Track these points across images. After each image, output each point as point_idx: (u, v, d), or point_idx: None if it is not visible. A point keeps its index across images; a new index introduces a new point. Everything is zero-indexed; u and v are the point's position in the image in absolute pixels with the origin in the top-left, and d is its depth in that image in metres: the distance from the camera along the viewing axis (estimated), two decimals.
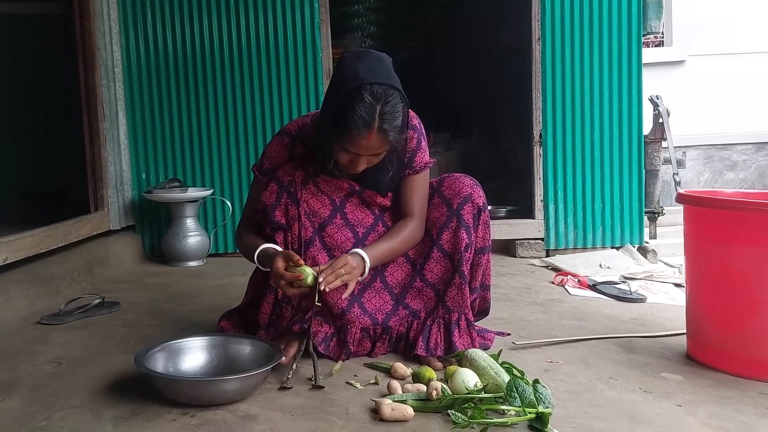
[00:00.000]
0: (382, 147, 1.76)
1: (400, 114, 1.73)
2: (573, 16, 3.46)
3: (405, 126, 1.79)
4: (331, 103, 1.77)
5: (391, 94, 1.71)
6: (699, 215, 1.91)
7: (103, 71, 3.47)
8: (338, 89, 1.75)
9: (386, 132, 1.72)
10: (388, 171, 1.91)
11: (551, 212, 3.53)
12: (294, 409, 1.61)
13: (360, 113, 1.69)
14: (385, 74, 1.75)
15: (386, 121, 1.71)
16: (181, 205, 3.50)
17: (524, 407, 1.48)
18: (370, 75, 1.71)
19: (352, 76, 1.72)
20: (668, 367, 1.87)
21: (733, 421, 1.52)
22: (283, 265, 1.74)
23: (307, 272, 1.73)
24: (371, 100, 1.69)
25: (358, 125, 1.69)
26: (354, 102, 1.69)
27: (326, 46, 3.60)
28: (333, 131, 1.75)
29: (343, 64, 1.79)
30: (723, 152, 5.60)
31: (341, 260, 1.78)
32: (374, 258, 1.87)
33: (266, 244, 1.87)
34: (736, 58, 5.50)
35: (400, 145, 1.82)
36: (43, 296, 2.68)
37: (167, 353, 1.80)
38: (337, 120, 1.72)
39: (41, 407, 1.67)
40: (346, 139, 1.73)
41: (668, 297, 2.68)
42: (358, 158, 1.78)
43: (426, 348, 1.91)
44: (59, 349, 2.13)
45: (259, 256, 1.87)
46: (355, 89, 1.70)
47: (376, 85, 1.70)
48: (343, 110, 1.71)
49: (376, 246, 1.90)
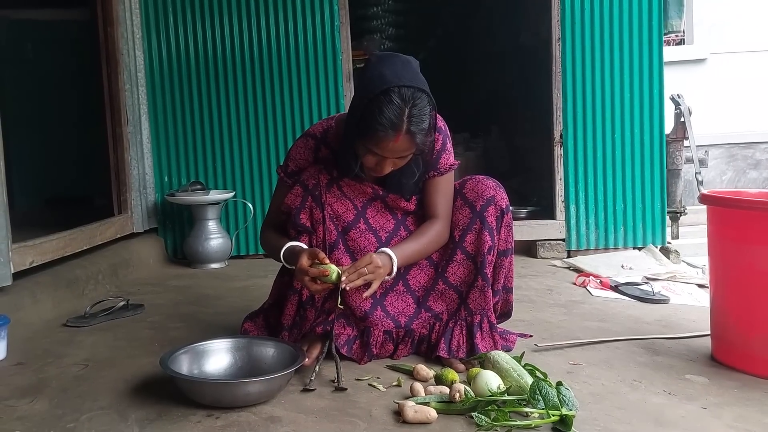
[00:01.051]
0: (409, 150, 1.75)
1: (427, 117, 1.73)
2: (593, 15, 3.44)
3: (432, 129, 1.78)
4: (358, 105, 1.77)
5: (419, 97, 1.71)
6: (723, 216, 1.89)
7: (126, 76, 3.51)
8: (365, 92, 1.74)
9: (414, 134, 1.71)
10: (414, 174, 1.90)
11: (572, 213, 3.51)
12: (317, 411, 1.63)
13: (388, 116, 1.68)
14: (413, 77, 1.74)
15: (414, 124, 1.70)
16: (203, 208, 3.53)
17: (548, 409, 1.48)
18: (397, 78, 1.71)
19: (379, 79, 1.72)
20: (692, 369, 1.85)
21: (759, 424, 1.51)
22: (307, 262, 1.74)
23: (333, 269, 1.73)
24: (399, 102, 1.69)
25: (385, 127, 1.69)
26: (382, 104, 1.69)
27: (346, 49, 3.62)
28: (359, 134, 1.75)
29: (369, 66, 1.79)
30: (746, 151, 5.54)
31: (365, 259, 1.78)
32: (402, 257, 1.86)
33: (292, 242, 1.88)
34: (758, 55, 5.44)
35: (427, 147, 1.81)
36: (68, 299, 2.72)
37: (192, 355, 1.82)
38: (363, 122, 1.72)
39: (69, 409, 1.69)
40: (372, 142, 1.73)
41: (691, 298, 2.65)
42: (384, 161, 1.77)
43: (448, 350, 1.92)
44: (86, 351, 2.16)
45: (285, 253, 1.87)
46: (383, 92, 1.69)
47: (404, 87, 1.70)
48: (370, 112, 1.70)
49: (404, 245, 1.89)
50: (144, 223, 3.64)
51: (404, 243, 1.91)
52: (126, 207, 3.52)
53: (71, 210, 3.92)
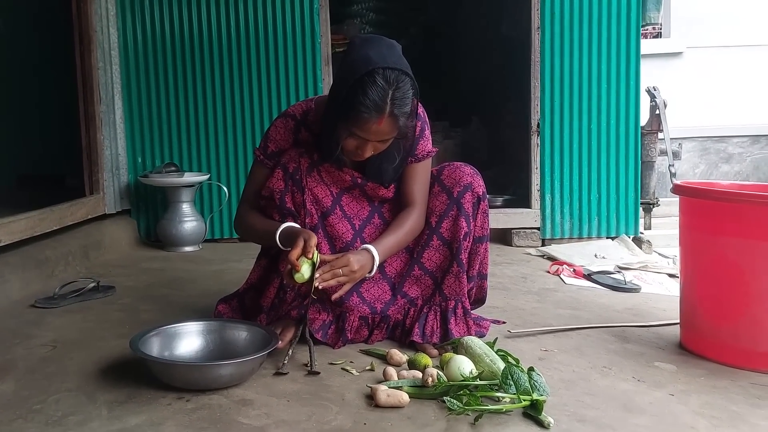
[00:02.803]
0: (392, 133, 1.73)
1: (410, 100, 1.71)
2: (572, 5, 3.45)
3: (414, 113, 1.77)
4: (340, 86, 1.73)
5: (402, 80, 1.69)
6: (694, 206, 1.91)
7: (100, 54, 3.44)
8: (348, 73, 1.71)
9: (397, 117, 1.69)
10: (395, 159, 1.88)
11: (548, 202, 3.53)
12: (289, 394, 1.62)
13: (372, 97, 1.66)
14: (397, 60, 1.72)
15: (397, 107, 1.68)
16: (178, 190, 3.49)
17: (519, 394, 1.49)
18: (382, 60, 1.69)
19: (363, 60, 1.69)
20: (661, 357, 1.88)
21: (725, 411, 1.53)
22: (296, 254, 1.68)
23: (304, 270, 1.68)
24: (383, 84, 1.66)
25: (369, 109, 1.66)
26: (366, 86, 1.66)
27: (325, 32, 3.58)
28: (342, 115, 1.72)
29: (353, 48, 1.76)
30: (719, 144, 5.62)
31: (343, 260, 1.75)
32: (383, 254, 1.85)
33: (289, 223, 1.84)
34: (733, 50, 5.50)
35: (409, 131, 1.79)
36: (37, 279, 2.68)
37: (163, 338, 1.80)
38: (346, 104, 1.69)
39: (36, 390, 1.67)
40: (355, 124, 1.70)
41: (662, 287, 2.69)
42: (366, 144, 1.75)
43: (422, 335, 1.92)
44: (54, 333, 2.13)
45: (281, 234, 1.81)
46: (367, 73, 1.67)
47: (388, 69, 1.68)
48: (353, 94, 1.67)
49: (385, 240, 1.87)
50: (116, 204, 3.59)
51: (385, 237, 1.88)
52: (98, 187, 3.46)
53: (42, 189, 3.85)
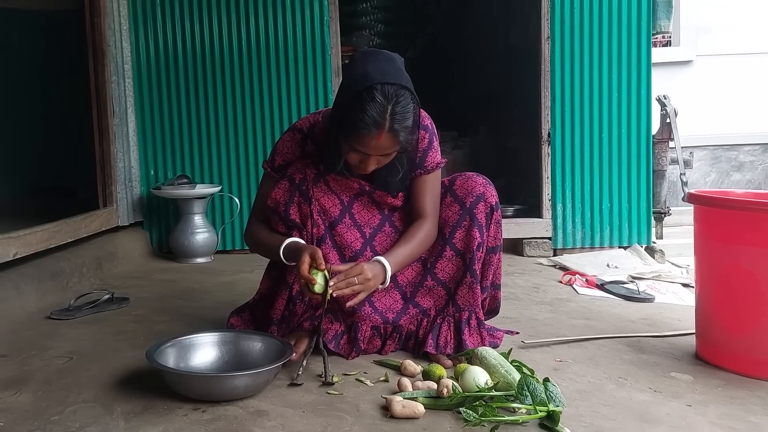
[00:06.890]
0: (393, 147, 1.75)
1: (411, 114, 1.73)
2: (582, 15, 3.46)
3: (416, 126, 1.78)
4: (341, 102, 1.76)
5: (402, 95, 1.70)
6: (709, 215, 1.91)
7: (113, 68, 3.48)
8: (348, 89, 1.74)
9: (397, 132, 1.71)
10: (398, 172, 1.89)
11: (559, 211, 3.53)
12: (304, 405, 1.62)
13: (370, 113, 1.67)
14: (396, 74, 1.73)
15: (397, 122, 1.70)
16: (190, 202, 3.51)
17: (535, 405, 1.49)
18: (380, 75, 1.70)
19: (362, 76, 1.71)
20: (677, 367, 1.87)
21: (743, 422, 1.52)
22: (306, 268, 1.71)
23: (319, 281, 1.70)
24: (382, 100, 1.68)
25: (368, 125, 1.68)
26: (364, 102, 1.68)
27: (335, 44, 3.61)
28: (343, 131, 1.74)
29: (353, 63, 1.79)
30: (730, 153, 5.59)
31: (357, 269, 1.75)
32: (395, 265, 1.85)
33: (293, 238, 1.85)
34: (743, 58, 5.49)
35: (411, 145, 1.81)
36: (52, 291, 2.70)
37: (178, 349, 1.81)
38: (347, 120, 1.71)
39: (53, 401, 1.68)
40: (355, 139, 1.72)
41: (676, 297, 2.68)
42: (368, 158, 1.76)
43: (436, 346, 1.92)
44: (70, 344, 2.14)
45: (285, 251, 1.84)
46: (365, 89, 1.69)
47: (387, 85, 1.69)
48: (353, 110, 1.69)
49: (397, 251, 1.87)
50: (129, 216, 3.61)
51: (396, 249, 1.88)
52: (111, 200, 3.48)
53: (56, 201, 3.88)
